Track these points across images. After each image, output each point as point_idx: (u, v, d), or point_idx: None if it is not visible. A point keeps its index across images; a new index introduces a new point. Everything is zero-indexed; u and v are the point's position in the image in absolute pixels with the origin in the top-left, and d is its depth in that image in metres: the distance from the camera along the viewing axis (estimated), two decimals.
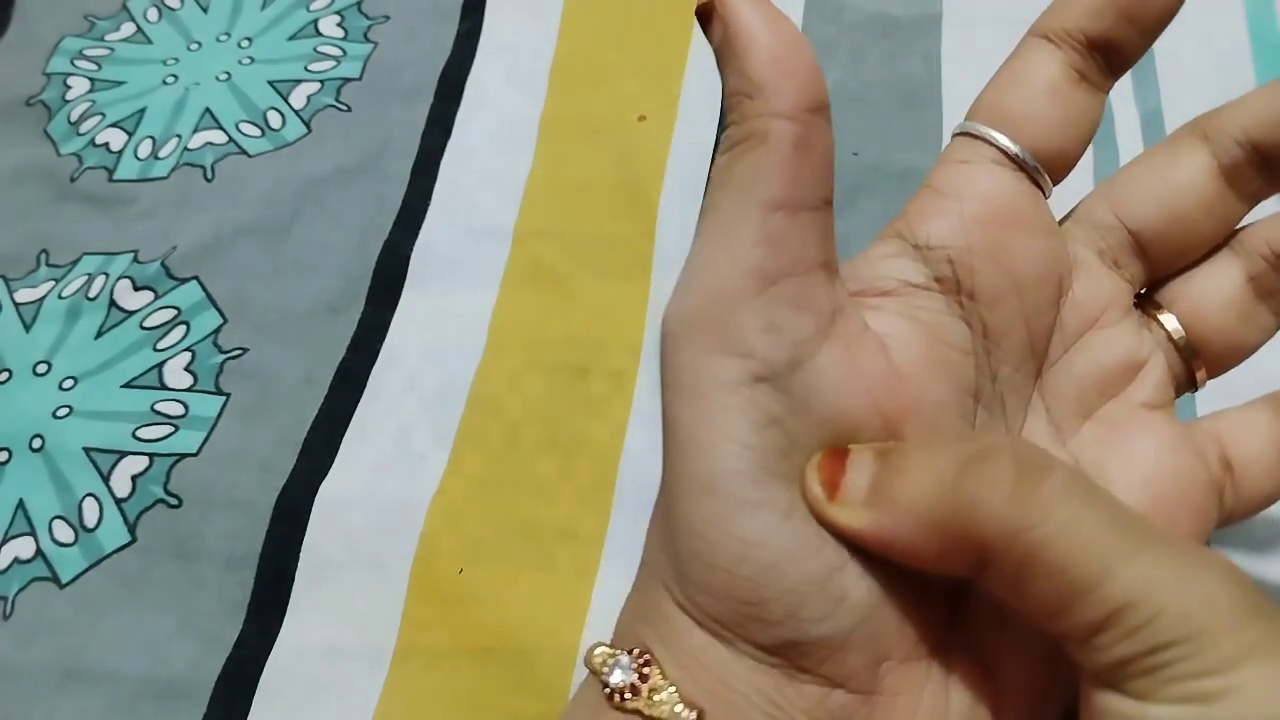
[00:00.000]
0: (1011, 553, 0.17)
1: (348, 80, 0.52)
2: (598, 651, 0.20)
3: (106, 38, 0.55)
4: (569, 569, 0.37)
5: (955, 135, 0.23)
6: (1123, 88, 0.46)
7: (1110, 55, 0.22)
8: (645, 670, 0.19)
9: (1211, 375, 0.24)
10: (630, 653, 0.20)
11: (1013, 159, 0.22)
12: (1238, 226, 0.23)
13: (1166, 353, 0.24)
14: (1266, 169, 0.22)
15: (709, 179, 0.20)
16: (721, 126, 0.20)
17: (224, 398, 0.42)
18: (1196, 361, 0.23)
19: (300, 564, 0.38)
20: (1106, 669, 0.16)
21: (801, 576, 0.19)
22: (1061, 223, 0.24)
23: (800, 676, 0.19)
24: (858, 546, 0.19)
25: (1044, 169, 0.22)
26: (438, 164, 0.48)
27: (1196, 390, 0.24)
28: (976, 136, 0.22)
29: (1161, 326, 0.23)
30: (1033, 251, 0.22)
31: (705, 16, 0.20)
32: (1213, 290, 0.23)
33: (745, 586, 0.18)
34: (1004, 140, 0.22)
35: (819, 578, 0.19)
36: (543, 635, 0.36)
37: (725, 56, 0.20)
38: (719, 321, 0.19)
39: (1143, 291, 0.24)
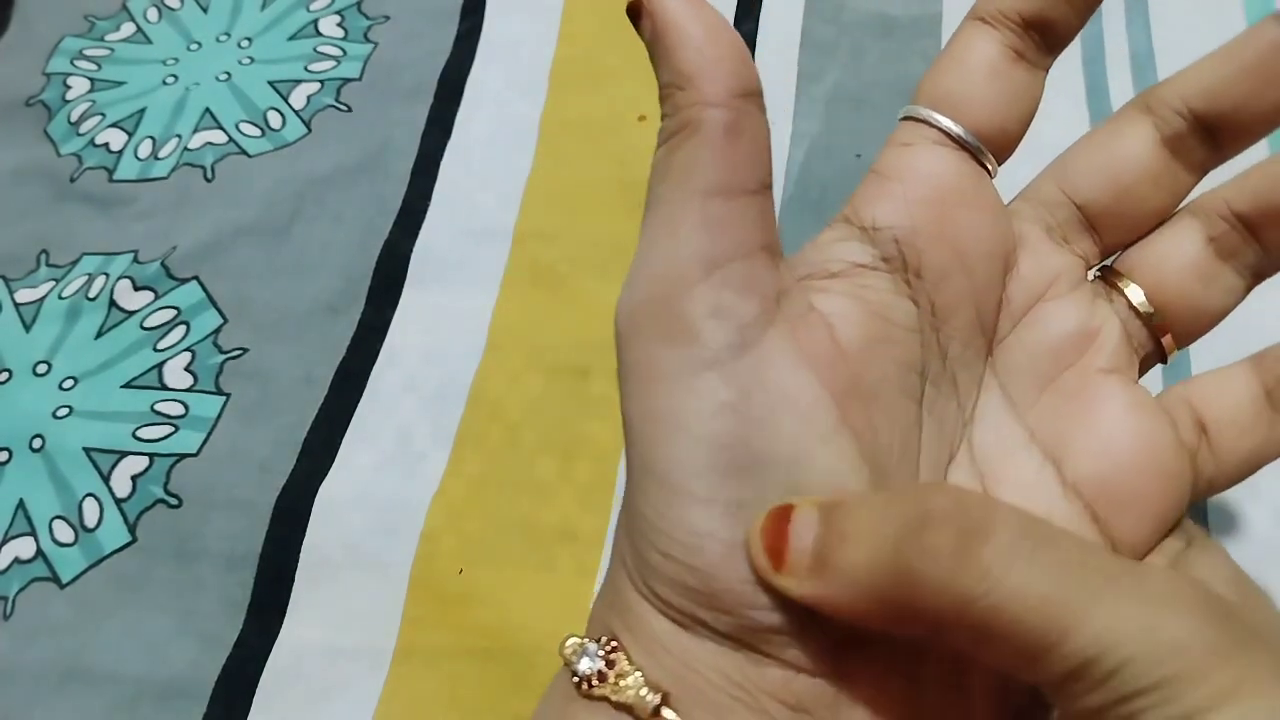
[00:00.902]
0: (963, 622, 0.16)
1: (348, 80, 0.52)
2: (569, 642, 0.20)
3: (106, 38, 0.55)
4: (569, 569, 0.37)
5: (900, 120, 0.23)
6: (1124, 86, 0.46)
7: (1046, 34, 0.22)
8: (612, 657, 0.19)
9: (1181, 344, 0.23)
10: (598, 640, 0.20)
11: (955, 139, 0.22)
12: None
13: (1131, 324, 0.23)
14: (1210, 139, 0.22)
15: (650, 171, 0.21)
16: None
17: (224, 398, 0.42)
18: (1161, 329, 0.23)
19: (300, 564, 0.38)
20: (1082, 715, 0.16)
21: (749, 570, 0.19)
22: (1011, 203, 0.24)
23: (763, 661, 0.19)
24: None
25: (987, 148, 0.22)
26: (438, 164, 0.48)
27: (1166, 361, 0.24)
28: (919, 120, 0.22)
29: (1124, 297, 0.23)
30: (977, 229, 0.22)
31: (635, 14, 0.20)
32: (1172, 254, 0.23)
33: (696, 577, 0.18)
34: (945, 121, 0.22)
35: None
36: (543, 635, 0.36)
37: (656, 51, 0.20)
38: (665, 311, 0.19)
39: (1107, 264, 0.24)
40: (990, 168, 0.22)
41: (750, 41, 0.50)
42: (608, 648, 0.19)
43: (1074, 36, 0.22)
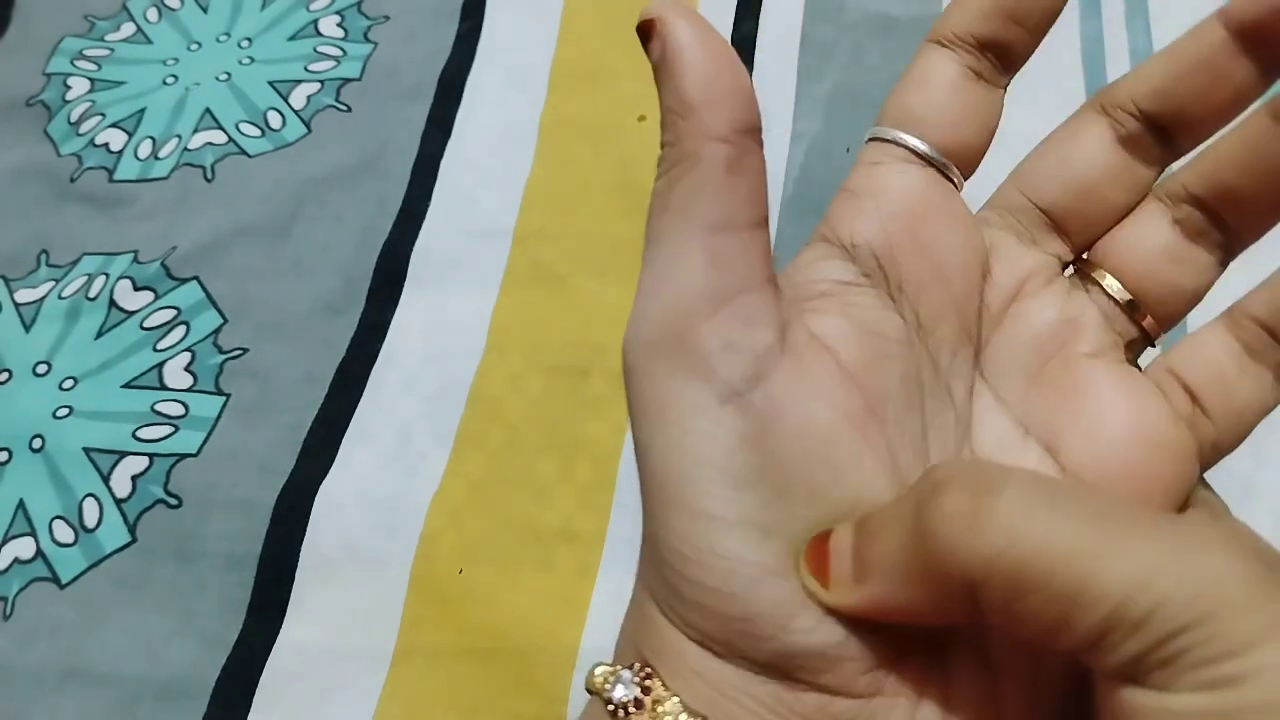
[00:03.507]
0: (994, 582, 0.17)
1: (348, 80, 0.52)
2: (598, 671, 0.20)
3: (106, 38, 0.55)
4: (569, 569, 0.37)
5: (866, 142, 0.24)
6: None
7: (1001, 54, 0.23)
8: (647, 684, 0.19)
9: (1165, 327, 0.24)
10: (631, 667, 0.20)
11: (921, 156, 0.22)
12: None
13: (1112, 312, 0.24)
14: (1162, 137, 0.23)
15: (651, 202, 0.21)
16: None
17: (224, 398, 0.42)
18: (1140, 315, 0.23)
19: (300, 564, 0.38)
20: (1123, 667, 0.16)
21: (788, 590, 0.19)
22: (979, 212, 0.24)
23: (798, 686, 0.19)
24: None
25: (952, 163, 0.23)
26: (438, 164, 0.48)
27: (1155, 345, 0.24)
28: (886, 140, 0.23)
29: (1100, 287, 0.23)
30: (950, 239, 0.22)
31: (645, 34, 0.20)
32: (1141, 241, 0.23)
33: (733, 603, 0.19)
34: (911, 140, 0.22)
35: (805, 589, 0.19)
36: (543, 635, 0.36)
37: (662, 75, 0.20)
38: (678, 346, 0.19)
39: (1081, 259, 0.24)
40: (956, 181, 0.23)
41: (750, 41, 0.50)
42: (642, 674, 0.19)
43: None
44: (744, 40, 0.50)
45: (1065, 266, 0.24)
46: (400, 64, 0.52)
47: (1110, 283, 0.23)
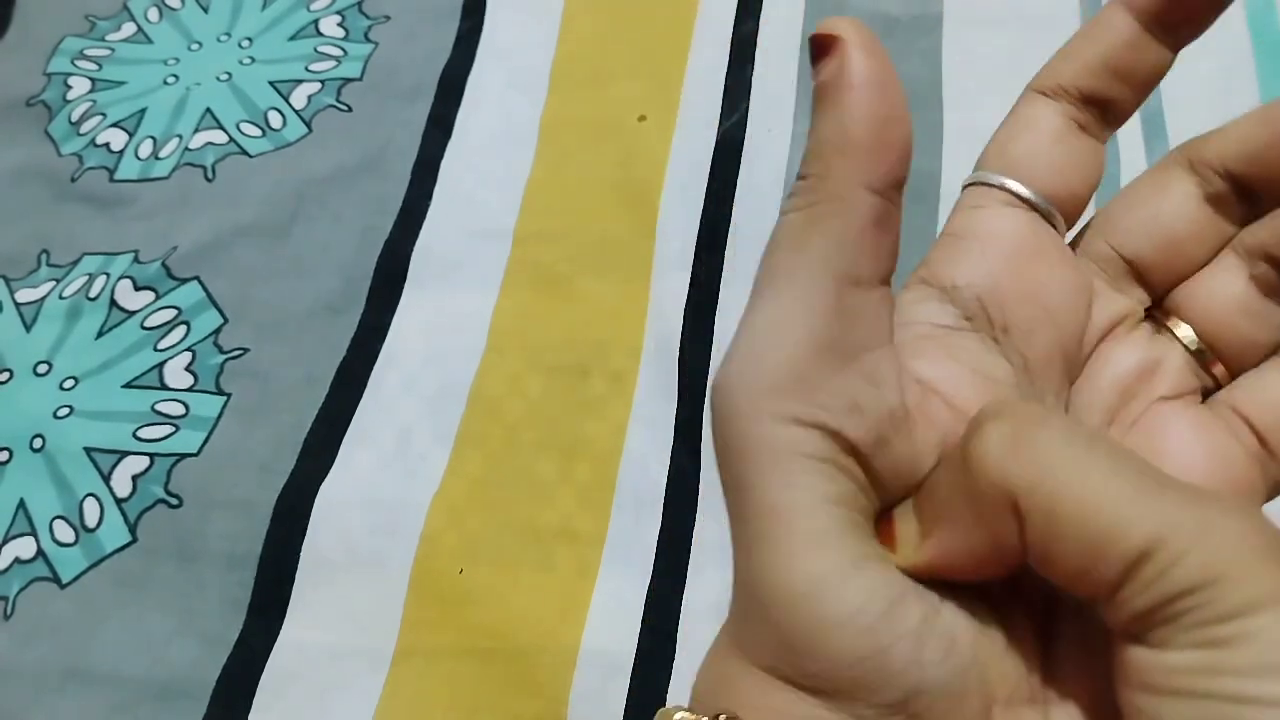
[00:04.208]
0: (1033, 518, 0.17)
1: (348, 80, 0.52)
2: (678, 716, 0.19)
3: (107, 38, 0.55)
4: (569, 569, 0.37)
5: (966, 187, 0.23)
6: None
7: (1105, 110, 0.23)
8: None
9: (1235, 376, 0.24)
10: (716, 718, 0.19)
11: (1025, 201, 0.22)
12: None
13: (1185, 360, 0.24)
14: (1246, 197, 0.23)
15: (775, 232, 0.20)
16: (724, 130, 0.20)
17: (224, 398, 0.42)
18: (1213, 364, 0.24)
19: (300, 564, 0.38)
20: (1131, 623, 0.16)
21: (915, 619, 0.19)
22: None
23: None
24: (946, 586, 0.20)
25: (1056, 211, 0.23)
26: (438, 164, 0.48)
27: (1221, 389, 0.24)
28: (988, 185, 0.23)
29: (1174, 335, 0.24)
30: (1060, 281, 0.22)
31: (822, 49, 0.19)
32: (1216, 294, 0.23)
33: (865, 639, 0.18)
34: (1016, 185, 0.22)
35: (929, 615, 0.19)
36: (543, 635, 0.36)
37: (828, 98, 0.19)
38: (801, 395, 0.19)
39: (1157, 305, 0.25)
40: (1060, 230, 0.23)
41: (750, 41, 0.50)
42: None
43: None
44: (744, 40, 0.50)
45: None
46: (401, 64, 0.52)
47: (1184, 331, 0.24)
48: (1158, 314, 0.24)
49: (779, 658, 0.19)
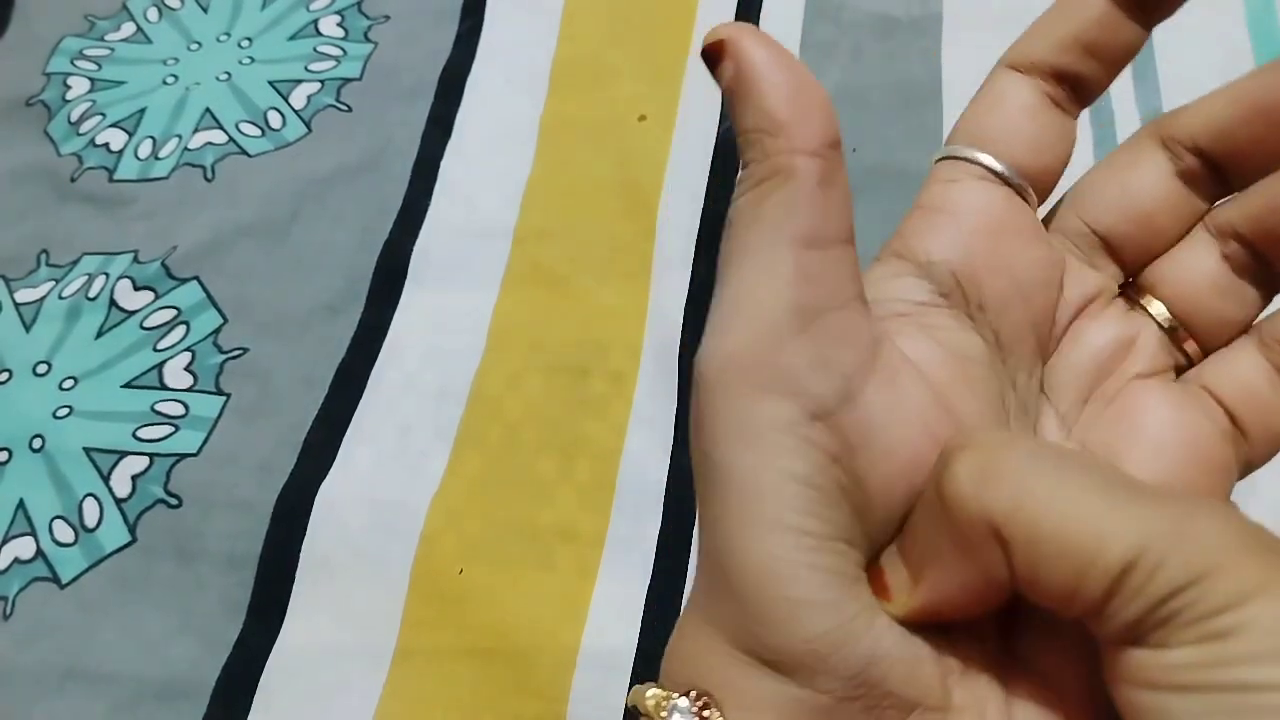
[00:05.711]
0: (1016, 544, 0.17)
1: (348, 80, 0.52)
2: (650, 694, 0.19)
3: (106, 38, 0.55)
4: (569, 569, 0.37)
5: (937, 161, 0.23)
6: (1124, 87, 0.46)
7: (1076, 86, 0.23)
8: (705, 714, 0.19)
9: (1207, 353, 0.24)
10: (687, 695, 0.19)
11: (998, 175, 0.22)
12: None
13: (1159, 337, 0.24)
14: (1217, 173, 0.23)
15: (730, 218, 0.20)
16: (724, 130, 0.20)
17: (224, 398, 0.42)
18: (1185, 341, 0.24)
19: (300, 564, 0.38)
20: (1125, 631, 0.16)
21: (870, 592, 0.19)
22: None
23: (881, 704, 0.19)
24: None
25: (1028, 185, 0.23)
26: (438, 164, 0.48)
27: (1194, 365, 0.24)
28: (960, 158, 0.23)
29: (1147, 312, 0.24)
30: (1032, 257, 0.22)
31: (714, 57, 0.20)
32: (1188, 271, 0.24)
33: (827, 613, 0.19)
34: (988, 159, 0.22)
35: None
36: (543, 635, 0.36)
37: (738, 95, 0.20)
38: (766, 361, 0.19)
39: (1128, 282, 0.25)
40: (1032, 204, 0.23)
41: None
42: (699, 704, 0.19)
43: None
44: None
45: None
46: (400, 64, 0.52)
47: (1157, 308, 0.24)
48: (1131, 291, 0.24)
49: (743, 630, 0.19)
